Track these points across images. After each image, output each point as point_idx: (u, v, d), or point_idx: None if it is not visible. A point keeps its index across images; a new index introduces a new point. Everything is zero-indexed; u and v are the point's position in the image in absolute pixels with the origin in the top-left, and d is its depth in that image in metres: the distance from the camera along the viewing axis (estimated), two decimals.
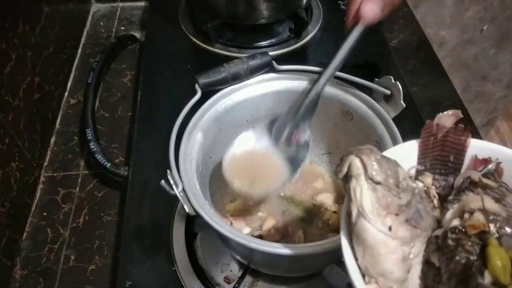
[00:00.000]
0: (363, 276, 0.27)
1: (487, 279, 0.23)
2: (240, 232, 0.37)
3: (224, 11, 0.70)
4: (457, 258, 0.25)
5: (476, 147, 0.32)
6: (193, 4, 0.79)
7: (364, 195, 0.26)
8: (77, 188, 0.61)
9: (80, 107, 0.70)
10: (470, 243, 0.25)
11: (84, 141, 0.62)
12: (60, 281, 0.53)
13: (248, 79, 0.47)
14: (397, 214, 0.26)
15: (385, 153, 0.29)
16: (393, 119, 0.44)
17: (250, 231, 0.48)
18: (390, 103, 0.45)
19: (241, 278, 0.46)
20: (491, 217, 0.26)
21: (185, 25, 0.77)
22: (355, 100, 0.46)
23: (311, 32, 0.76)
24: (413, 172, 0.32)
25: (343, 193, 0.52)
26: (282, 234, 0.48)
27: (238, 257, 0.48)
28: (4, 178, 0.53)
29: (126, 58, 0.79)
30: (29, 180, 0.60)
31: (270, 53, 0.48)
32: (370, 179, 0.26)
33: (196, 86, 0.45)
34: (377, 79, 0.46)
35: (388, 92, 0.45)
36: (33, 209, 0.59)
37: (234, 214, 0.50)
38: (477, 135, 0.65)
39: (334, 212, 0.50)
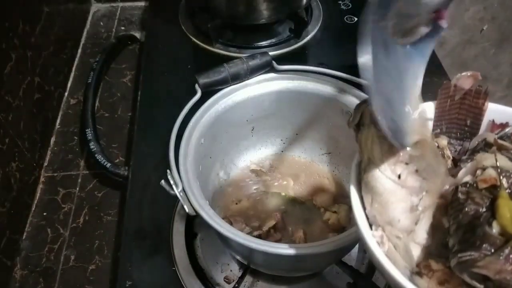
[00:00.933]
0: (371, 226, 0.26)
1: (495, 229, 0.23)
2: (240, 232, 0.37)
3: (224, 11, 0.70)
4: (466, 209, 0.25)
5: (494, 111, 0.31)
6: (193, 4, 0.79)
7: (374, 143, 0.26)
8: (77, 188, 0.61)
9: (80, 107, 0.70)
10: (480, 196, 0.25)
11: (84, 141, 0.62)
12: (60, 281, 0.53)
13: (248, 79, 0.47)
14: (407, 164, 0.26)
15: None
16: None
17: (250, 231, 0.48)
18: None
19: (241, 278, 0.46)
20: (503, 174, 0.26)
21: (185, 25, 0.77)
22: (355, 100, 0.46)
23: (311, 32, 0.76)
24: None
25: (343, 193, 0.53)
26: (282, 234, 0.48)
27: (238, 257, 0.48)
28: (4, 178, 0.53)
29: (126, 58, 0.79)
30: (29, 180, 0.60)
31: (270, 53, 0.48)
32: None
33: (196, 86, 0.45)
34: None
35: None
36: (33, 209, 0.59)
37: (235, 215, 0.50)
38: None
39: (334, 212, 0.50)
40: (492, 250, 0.23)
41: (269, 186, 0.53)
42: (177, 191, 0.37)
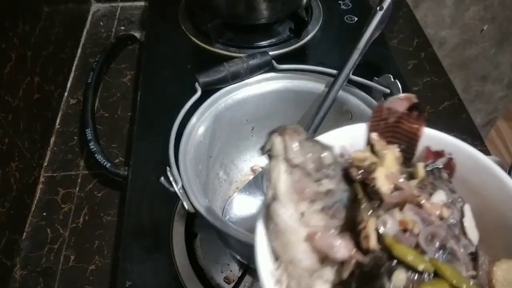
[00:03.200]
0: (277, 260, 0.25)
1: (394, 282, 0.22)
2: (240, 229, 0.37)
3: (224, 11, 0.70)
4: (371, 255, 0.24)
5: (430, 138, 0.29)
6: (193, 4, 0.79)
7: (280, 177, 0.24)
8: (77, 188, 0.61)
9: (80, 107, 0.70)
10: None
11: (84, 141, 0.61)
12: (60, 281, 0.53)
13: (248, 79, 0.47)
14: (312, 201, 0.25)
15: (328, 135, 0.28)
16: None
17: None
18: None
19: (241, 278, 0.46)
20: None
21: (185, 25, 0.77)
22: (354, 99, 0.46)
23: (311, 32, 0.76)
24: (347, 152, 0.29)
25: None
26: None
27: (238, 257, 0.48)
28: (3, 178, 0.53)
29: (126, 58, 0.79)
30: (29, 180, 0.60)
31: (270, 53, 0.48)
32: (288, 161, 0.24)
33: (196, 84, 0.45)
34: (376, 78, 0.46)
35: (388, 90, 0.45)
36: (33, 209, 0.59)
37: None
38: (477, 135, 0.65)
39: None
40: None
41: None
42: (176, 188, 0.37)
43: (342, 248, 0.24)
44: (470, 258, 0.25)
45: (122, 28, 0.86)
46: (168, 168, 0.38)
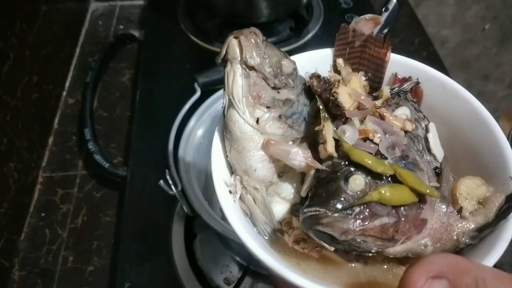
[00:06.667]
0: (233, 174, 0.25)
1: (351, 185, 0.21)
2: None
3: (224, 10, 0.69)
4: (328, 162, 0.23)
5: (397, 64, 0.28)
6: (192, 2, 0.79)
7: (236, 81, 0.23)
8: (76, 189, 0.61)
9: (79, 106, 0.70)
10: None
11: (83, 141, 0.61)
12: (58, 282, 0.52)
13: None
14: (269, 107, 0.24)
15: (293, 58, 0.26)
16: None
17: None
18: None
19: (241, 280, 0.46)
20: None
21: (184, 23, 0.77)
22: None
23: (312, 31, 0.76)
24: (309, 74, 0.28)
25: None
26: None
27: (238, 258, 0.47)
28: (2, 179, 0.52)
29: (124, 57, 0.78)
30: (27, 180, 0.59)
31: None
32: (244, 63, 0.23)
33: (196, 85, 0.44)
34: None
35: None
36: (31, 209, 0.59)
37: None
38: None
39: None
40: (340, 207, 0.20)
41: None
42: (176, 191, 0.36)
43: (298, 155, 0.23)
44: (434, 173, 0.25)
45: (121, 27, 0.85)
46: (167, 170, 0.37)
